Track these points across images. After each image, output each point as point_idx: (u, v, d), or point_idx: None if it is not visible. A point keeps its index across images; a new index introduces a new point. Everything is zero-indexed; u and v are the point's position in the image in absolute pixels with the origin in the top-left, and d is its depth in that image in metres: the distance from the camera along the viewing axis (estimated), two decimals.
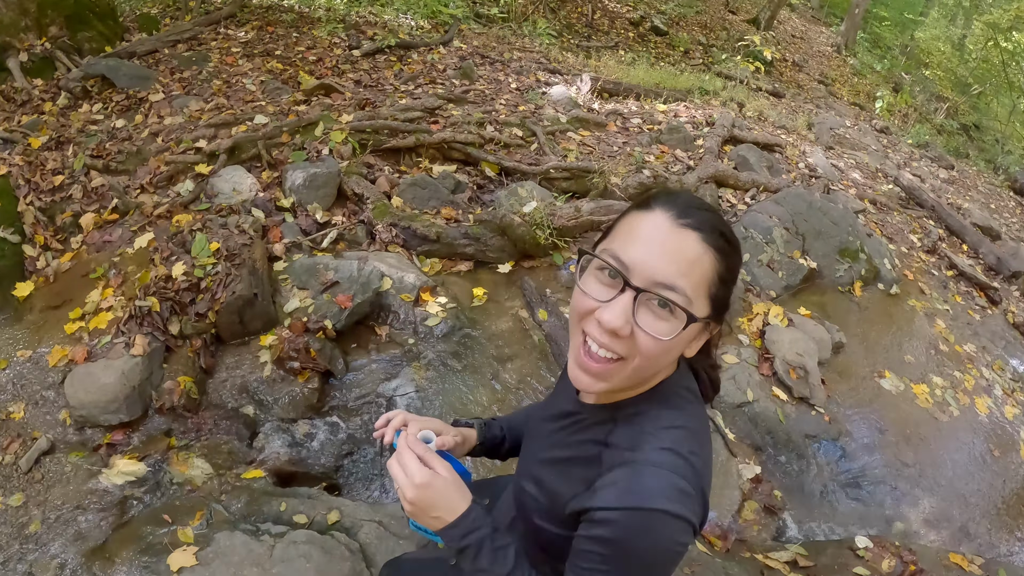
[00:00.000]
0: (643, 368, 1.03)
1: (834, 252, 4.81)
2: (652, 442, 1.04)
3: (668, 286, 0.98)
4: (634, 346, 1.00)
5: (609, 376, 1.04)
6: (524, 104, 5.80)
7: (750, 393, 3.57)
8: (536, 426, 1.34)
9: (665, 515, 0.97)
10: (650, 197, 1.06)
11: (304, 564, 2.21)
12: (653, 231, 1.01)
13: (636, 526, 0.98)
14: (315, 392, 3.12)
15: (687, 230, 1.00)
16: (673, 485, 0.99)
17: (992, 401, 4.38)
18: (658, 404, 1.11)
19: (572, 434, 1.19)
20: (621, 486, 1.00)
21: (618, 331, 0.98)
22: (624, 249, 1.01)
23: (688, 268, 0.99)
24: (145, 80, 5.21)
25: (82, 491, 2.60)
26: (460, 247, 3.94)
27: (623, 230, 1.06)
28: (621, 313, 0.98)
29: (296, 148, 4.36)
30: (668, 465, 1.01)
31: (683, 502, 0.98)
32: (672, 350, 1.03)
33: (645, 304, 0.99)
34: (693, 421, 1.11)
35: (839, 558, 2.91)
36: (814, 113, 9.37)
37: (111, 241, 3.72)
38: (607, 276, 1.02)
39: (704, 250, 1.00)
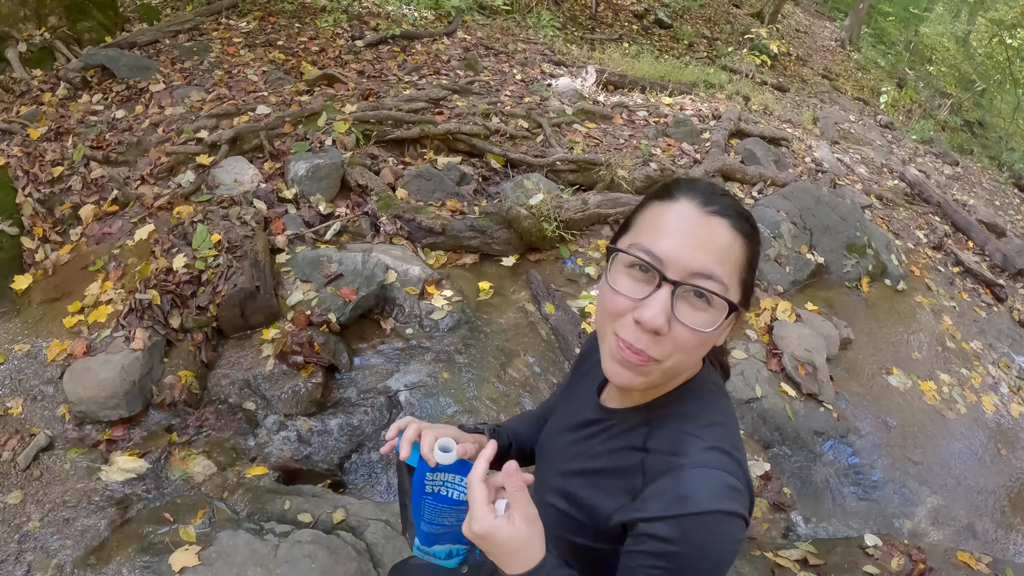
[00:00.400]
0: (681, 363, 0.99)
1: (841, 247, 4.77)
2: (696, 443, 1.00)
3: (706, 275, 0.94)
4: (673, 342, 0.96)
5: (649, 371, 0.99)
6: (529, 96, 5.74)
7: (759, 389, 3.52)
8: (552, 439, 1.28)
9: (723, 515, 0.93)
10: (670, 186, 1.02)
11: (309, 564, 2.16)
12: (681, 221, 0.96)
13: (697, 531, 0.93)
14: (319, 387, 3.06)
15: (716, 217, 0.96)
16: (725, 484, 0.95)
17: (999, 399, 4.35)
18: (692, 402, 1.07)
19: (603, 443, 1.13)
20: (675, 493, 0.95)
21: (660, 328, 0.93)
22: (654, 242, 0.96)
23: (723, 256, 0.95)
24: (146, 70, 5.17)
25: (81, 488, 2.55)
26: (465, 240, 3.89)
27: (647, 222, 1.01)
28: (661, 309, 0.93)
29: (299, 139, 4.31)
30: (717, 464, 0.97)
31: (736, 499, 0.95)
32: (709, 342, 0.99)
33: (683, 297, 0.95)
34: (728, 416, 1.07)
35: (849, 556, 2.87)
36: (819, 108, 9.31)
37: (111, 233, 3.67)
38: (639, 272, 0.97)
39: (735, 237, 0.97)
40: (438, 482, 1.08)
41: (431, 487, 1.08)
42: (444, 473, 1.08)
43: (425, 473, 1.07)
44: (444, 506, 1.09)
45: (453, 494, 1.08)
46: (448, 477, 1.08)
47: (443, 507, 1.09)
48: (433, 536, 1.13)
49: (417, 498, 1.09)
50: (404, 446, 1.11)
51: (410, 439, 1.10)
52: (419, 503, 1.09)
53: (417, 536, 1.15)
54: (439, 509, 1.09)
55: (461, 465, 1.08)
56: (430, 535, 1.13)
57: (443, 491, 1.08)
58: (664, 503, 0.95)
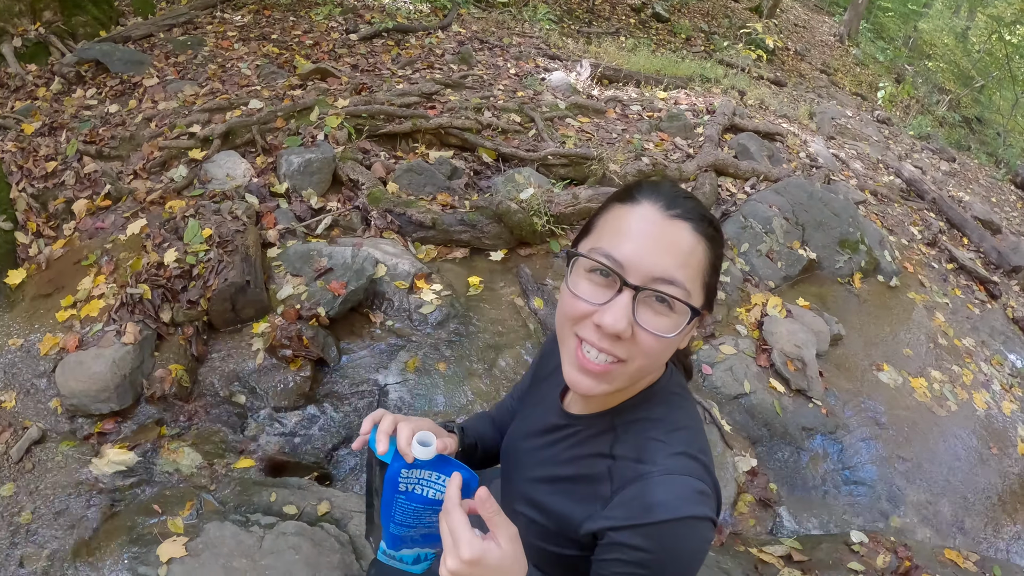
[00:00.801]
0: (644, 368, 0.99)
1: (834, 243, 4.77)
2: (663, 449, 1.01)
3: (667, 280, 0.94)
4: (635, 346, 0.96)
5: (611, 378, 0.99)
6: (523, 90, 5.73)
7: (747, 385, 3.54)
8: (517, 444, 1.27)
9: (693, 520, 0.94)
10: (632, 188, 1.02)
11: (293, 556, 2.18)
12: (644, 225, 0.96)
13: (667, 538, 0.94)
14: (307, 380, 3.08)
15: (679, 221, 0.96)
16: (693, 489, 0.96)
17: (990, 396, 4.36)
18: (657, 407, 1.07)
19: (568, 449, 1.13)
20: (643, 501, 0.96)
21: (621, 334, 0.93)
22: (615, 246, 0.96)
23: (685, 260, 0.95)
24: (140, 65, 5.18)
25: (73, 481, 2.56)
26: (456, 234, 3.89)
27: (609, 226, 1.00)
28: (623, 315, 0.93)
29: (291, 133, 4.31)
30: (684, 470, 0.98)
31: (704, 503, 0.96)
32: (672, 346, 0.99)
33: (644, 302, 0.95)
34: (693, 419, 1.08)
35: (834, 552, 2.89)
36: (816, 102, 9.30)
37: (103, 228, 3.68)
38: (600, 276, 0.97)
39: (697, 240, 0.97)
40: (413, 479, 1.02)
41: (405, 485, 1.02)
42: (420, 470, 1.01)
43: (400, 470, 1.01)
44: (418, 506, 1.03)
45: (429, 493, 1.02)
46: (424, 474, 1.02)
47: (416, 507, 1.03)
48: (401, 539, 1.08)
49: (388, 497, 1.03)
50: (381, 440, 1.02)
51: (386, 432, 1.03)
52: (390, 502, 1.03)
53: (384, 539, 1.10)
54: (412, 509, 1.04)
55: (440, 461, 1.02)
56: (398, 538, 1.08)
57: (417, 489, 1.02)
58: (633, 511, 0.96)
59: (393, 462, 1.01)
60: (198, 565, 2.17)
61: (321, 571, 2.15)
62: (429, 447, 1.00)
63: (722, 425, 3.31)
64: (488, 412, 1.54)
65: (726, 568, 2.61)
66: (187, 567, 2.17)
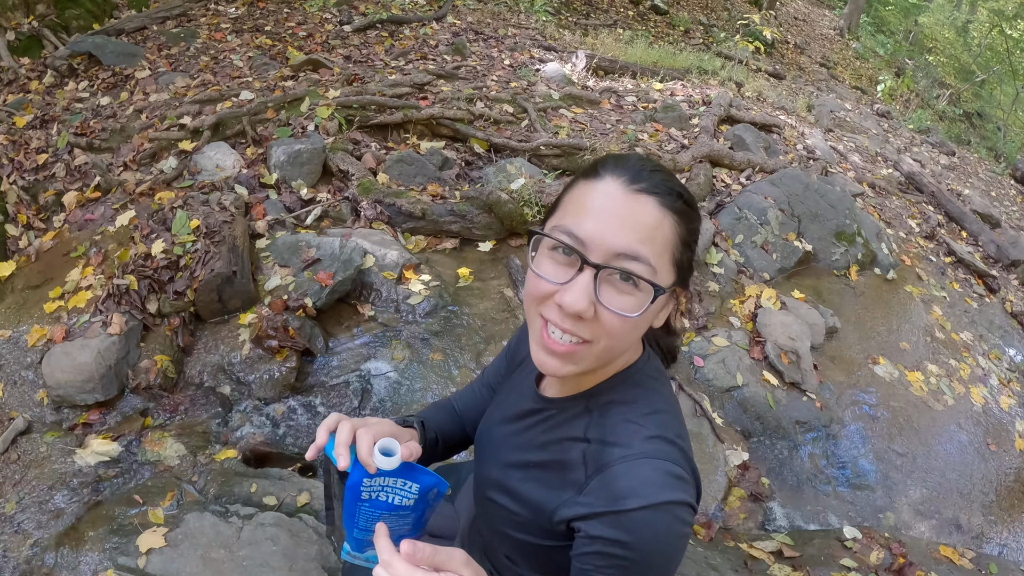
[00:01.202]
0: (612, 348, 0.95)
1: (830, 235, 4.73)
2: (638, 432, 0.97)
3: (630, 256, 0.89)
4: (599, 326, 0.92)
5: (577, 359, 0.95)
6: (516, 81, 5.69)
7: (740, 377, 3.50)
8: (491, 430, 1.23)
9: (671, 505, 0.90)
10: (597, 164, 0.97)
11: (271, 547, 2.15)
12: (605, 200, 0.92)
13: (645, 525, 0.90)
14: (293, 371, 3.04)
15: (642, 195, 0.92)
16: (670, 473, 0.92)
17: (988, 391, 4.31)
18: (632, 390, 1.03)
19: (542, 433, 1.09)
20: (619, 486, 0.92)
21: (582, 313, 0.89)
22: (576, 223, 0.92)
23: (649, 234, 0.91)
24: (132, 57, 5.18)
25: (57, 471, 2.56)
26: (446, 224, 3.85)
27: (572, 203, 0.96)
28: (583, 294, 0.89)
29: (281, 124, 4.28)
30: (661, 454, 0.94)
31: (681, 488, 0.92)
32: (640, 325, 0.96)
33: (607, 281, 0.91)
34: (670, 403, 1.04)
35: (826, 549, 2.84)
36: (815, 95, 9.24)
37: (93, 219, 3.68)
38: (561, 255, 0.93)
39: (663, 215, 0.92)
40: (376, 487, 0.96)
41: (368, 493, 0.95)
42: (383, 477, 0.96)
43: (362, 479, 0.94)
44: (383, 512, 0.98)
45: (393, 499, 0.97)
46: (388, 482, 0.96)
47: (380, 513, 0.98)
48: (365, 542, 1.02)
49: (351, 505, 0.97)
50: (342, 453, 0.95)
51: (345, 443, 0.95)
52: (353, 510, 0.97)
53: (348, 542, 1.05)
54: (376, 515, 0.98)
55: (404, 468, 0.97)
56: (362, 541, 1.02)
57: (382, 496, 0.97)
58: (607, 498, 0.92)
59: (353, 471, 0.95)
60: (176, 555, 2.16)
61: (298, 562, 2.12)
62: (392, 457, 0.95)
63: (713, 418, 3.27)
64: (449, 400, 1.49)
65: (714, 564, 2.57)
66: (166, 557, 2.16)
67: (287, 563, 2.12)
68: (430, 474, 0.99)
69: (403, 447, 0.96)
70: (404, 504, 0.97)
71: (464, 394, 1.48)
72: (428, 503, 1.01)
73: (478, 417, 1.33)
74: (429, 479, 0.98)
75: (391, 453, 0.95)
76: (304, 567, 2.11)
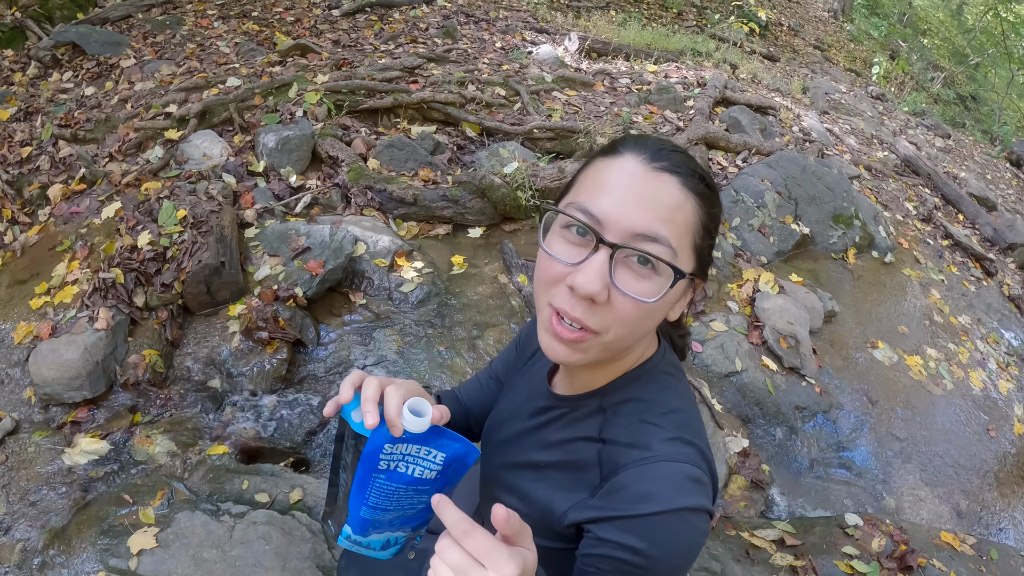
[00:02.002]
0: (622, 339, 0.89)
1: (828, 218, 4.68)
2: (657, 433, 0.91)
3: (649, 237, 0.83)
4: (610, 313, 0.85)
5: (585, 347, 0.89)
6: (508, 63, 5.61)
7: (739, 363, 3.45)
8: (499, 428, 1.17)
9: (690, 512, 0.85)
10: (616, 142, 0.92)
11: (263, 546, 2.09)
12: (624, 177, 0.86)
13: (662, 531, 0.84)
14: (284, 363, 2.97)
15: (663, 173, 0.86)
16: (690, 477, 0.87)
17: (986, 375, 4.29)
18: (648, 386, 0.98)
19: (554, 432, 1.04)
20: (637, 489, 0.86)
21: (595, 296, 0.83)
22: (592, 200, 0.86)
23: (669, 215, 0.85)
24: (117, 46, 5.12)
25: (46, 472, 2.50)
26: (438, 210, 3.79)
27: (589, 181, 0.90)
28: (597, 275, 0.82)
29: (269, 111, 4.20)
30: (681, 457, 0.89)
31: (701, 493, 0.87)
32: (655, 314, 0.89)
33: (623, 263, 0.85)
34: (687, 400, 0.99)
35: (828, 536, 2.81)
36: (809, 77, 9.16)
37: (79, 212, 3.61)
38: (575, 234, 0.87)
39: (685, 195, 0.86)
40: (397, 456, 0.86)
41: (387, 462, 0.86)
42: (407, 444, 0.86)
43: (383, 444, 0.84)
44: (399, 486, 0.89)
45: (413, 471, 0.88)
46: (411, 449, 0.87)
47: (397, 487, 0.89)
48: (371, 523, 0.93)
49: (364, 476, 0.86)
50: (368, 409, 0.84)
51: (373, 399, 0.85)
52: (365, 482, 0.87)
53: (349, 524, 0.93)
54: (391, 490, 0.89)
55: (431, 433, 0.87)
56: (368, 522, 0.92)
57: (400, 467, 0.87)
58: (624, 501, 0.86)
59: (374, 436, 0.84)
60: (168, 556, 2.11)
61: (291, 561, 2.07)
62: (423, 418, 0.84)
63: (712, 404, 3.22)
64: (453, 390, 1.43)
65: (716, 554, 2.53)
66: (157, 558, 2.10)
67: (280, 562, 2.06)
68: (459, 440, 0.89)
69: (434, 409, 0.87)
70: (424, 477, 0.89)
71: (470, 386, 1.42)
72: (449, 478, 0.92)
73: (483, 411, 1.27)
74: (457, 447, 0.89)
75: (422, 415, 0.85)
76: (297, 566, 2.05)
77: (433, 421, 0.85)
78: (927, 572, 2.75)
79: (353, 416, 0.86)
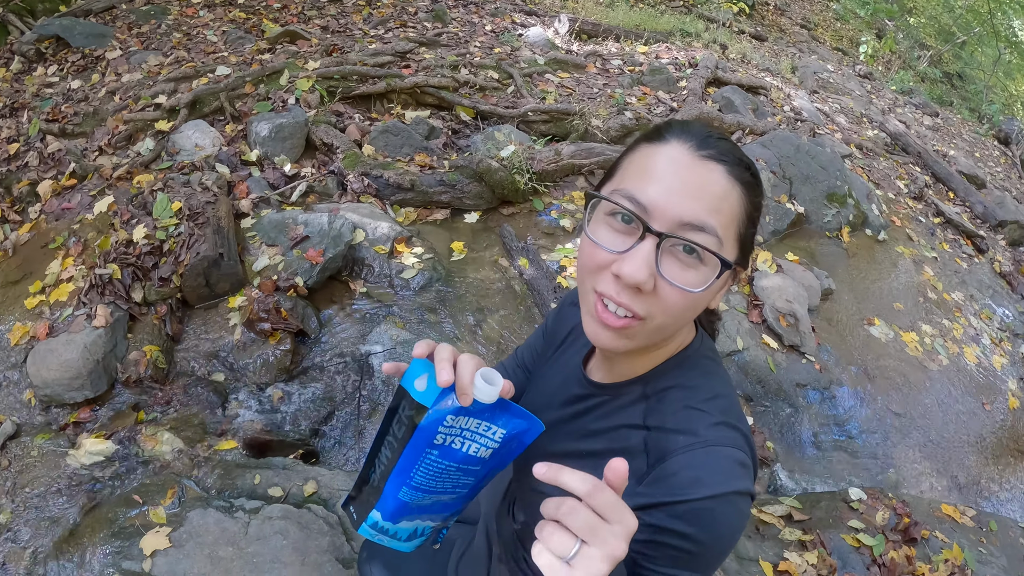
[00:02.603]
0: (667, 327, 0.89)
1: (822, 197, 4.69)
2: (703, 419, 0.91)
3: (697, 226, 0.83)
4: (656, 302, 0.85)
5: (631, 334, 0.88)
6: (499, 46, 5.56)
7: (740, 341, 3.46)
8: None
9: (737, 496, 0.86)
10: (662, 128, 0.91)
11: (280, 541, 2.07)
12: (671, 165, 0.85)
13: (710, 515, 0.85)
14: (288, 354, 2.95)
15: (711, 162, 0.85)
16: (737, 461, 0.88)
17: (980, 350, 4.34)
18: (691, 372, 0.98)
19: (595, 421, 1.03)
20: (687, 475, 0.86)
21: (641, 285, 0.83)
22: (639, 188, 0.85)
23: (717, 205, 0.84)
24: (102, 38, 5.03)
25: (51, 475, 2.44)
26: (435, 195, 3.77)
27: (634, 167, 0.90)
28: (644, 264, 0.82)
29: (261, 99, 4.14)
30: (727, 441, 0.89)
31: (747, 476, 0.88)
32: (700, 303, 0.89)
33: (670, 252, 0.84)
34: (727, 385, 0.99)
35: (833, 511, 2.84)
36: (797, 57, 9.16)
37: (70, 208, 3.54)
38: (621, 222, 0.86)
39: (731, 185, 0.86)
40: (456, 430, 0.81)
41: (444, 437, 0.81)
42: (469, 418, 0.81)
43: (445, 416, 0.79)
44: (448, 464, 0.84)
45: (468, 447, 0.83)
46: (472, 424, 0.82)
47: (448, 466, 0.84)
48: (407, 508, 0.88)
49: (415, 451, 0.81)
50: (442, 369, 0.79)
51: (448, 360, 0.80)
52: (415, 458, 0.82)
53: (379, 508, 0.88)
54: (441, 469, 0.84)
55: (496, 407, 0.82)
56: (405, 505, 0.87)
57: (456, 443, 0.82)
58: (674, 487, 0.86)
59: (435, 405, 0.79)
60: (183, 556, 2.07)
61: (310, 555, 2.05)
62: (494, 387, 0.79)
63: None
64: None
65: None
66: (171, 559, 2.06)
67: (299, 557, 2.04)
68: (523, 415, 0.85)
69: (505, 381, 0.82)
70: (478, 455, 0.85)
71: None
72: (501, 459, 0.88)
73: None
74: (519, 423, 0.85)
75: (493, 384, 0.80)
76: (317, 560, 2.04)
77: (502, 394, 0.82)
78: (930, 544, 2.80)
79: (416, 385, 0.82)
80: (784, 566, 2.52)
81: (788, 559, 2.55)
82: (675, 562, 0.86)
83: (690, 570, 0.86)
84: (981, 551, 2.87)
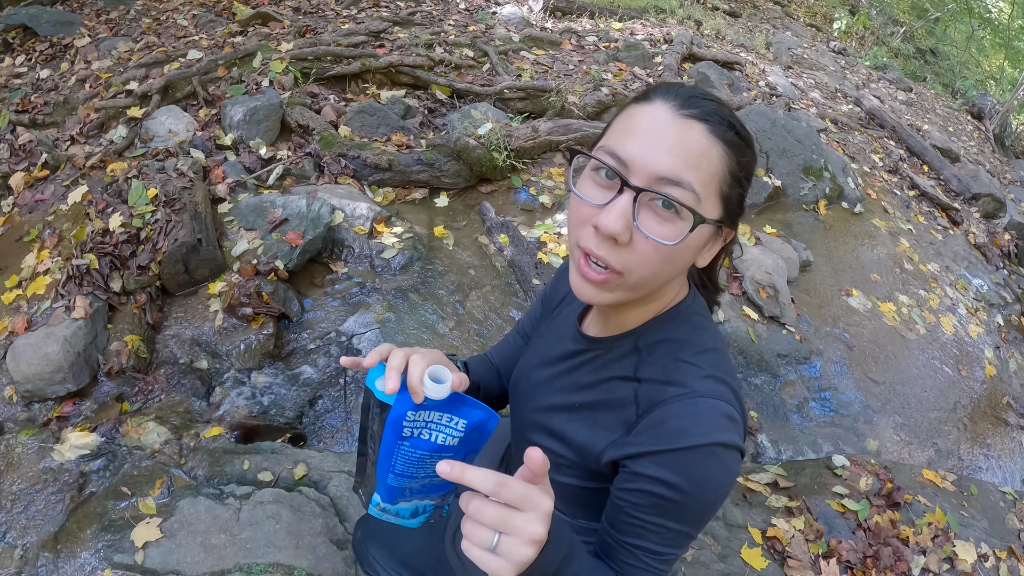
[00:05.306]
0: (646, 281, 0.91)
1: (798, 170, 4.73)
2: (692, 371, 0.93)
3: (673, 181, 0.85)
4: (632, 254, 0.87)
5: (611, 287, 0.91)
6: (474, 24, 5.52)
7: (721, 313, 3.50)
8: (528, 375, 1.18)
9: (724, 448, 0.88)
10: (650, 89, 0.93)
11: (273, 525, 2.06)
12: (653, 123, 0.87)
13: (695, 465, 0.87)
14: (271, 338, 2.92)
15: (692, 120, 0.86)
16: (724, 414, 0.90)
17: (957, 320, 4.42)
18: (682, 327, 1.00)
19: (588, 374, 1.05)
20: (673, 425, 0.89)
21: (617, 236, 0.85)
22: (621, 145, 0.88)
23: (695, 161, 0.86)
24: (70, 25, 4.98)
25: (36, 471, 2.39)
26: (414, 174, 3.74)
27: (620, 126, 0.92)
28: (620, 216, 0.84)
29: (234, 82, 4.08)
30: (716, 393, 0.91)
31: (734, 429, 0.90)
32: (677, 258, 0.90)
33: (647, 206, 0.86)
34: (719, 342, 1.01)
35: (818, 477, 2.89)
36: (772, 33, 9.19)
37: (44, 199, 3.48)
38: (603, 177, 0.89)
39: (712, 143, 0.87)
40: (420, 423, 0.90)
41: (410, 429, 0.89)
42: (429, 412, 0.89)
43: (406, 412, 0.88)
44: (423, 453, 0.92)
45: (437, 438, 0.91)
46: (433, 416, 0.90)
47: (421, 455, 0.92)
48: (400, 491, 0.96)
49: (389, 443, 0.90)
50: (390, 376, 0.87)
51: (397, 368, 0.88)
52: (391, 450, 0.91)
53: (378, 492, 0.98)
54: (416, 457, 0.92)
55: (452, 401, 0.90)
56: (396, 490, 0.96)
57: (424, 434, 0.90)
58: (660, 436, 0.89)
59: (397, 403, 0.88)
60: (175, 546, 2.05)
61: (304, 538, 2.04)
62: (443, 384, 0.87)
63: None
64: (486, 354, 1.45)
65: None
66: (164, 549, 2.04)
67: (293, 540, 2.03)
68: (479, 407, 0.92)
69: (453, 376, 0.89)
70: (448, 444, 0.92)
71: (500, 347, 1.43)
72: (472, 445, 0.94)
73: (514, 368, 1.27)
74: (478, 413, 0.91)
75: (441, 381, 0.88)
76: (311, 542, 2.03)
77: (452, 388, 0.88)
78: (913, 508, 2.86)
79: (377, 385, 0.89)
80: (772, 532, 2.57)
81: (776, 525, 2.60)
82: (660, 511, 0.88)
83: (675, 520, 0.89)
84: (963, 514, 2.94)
